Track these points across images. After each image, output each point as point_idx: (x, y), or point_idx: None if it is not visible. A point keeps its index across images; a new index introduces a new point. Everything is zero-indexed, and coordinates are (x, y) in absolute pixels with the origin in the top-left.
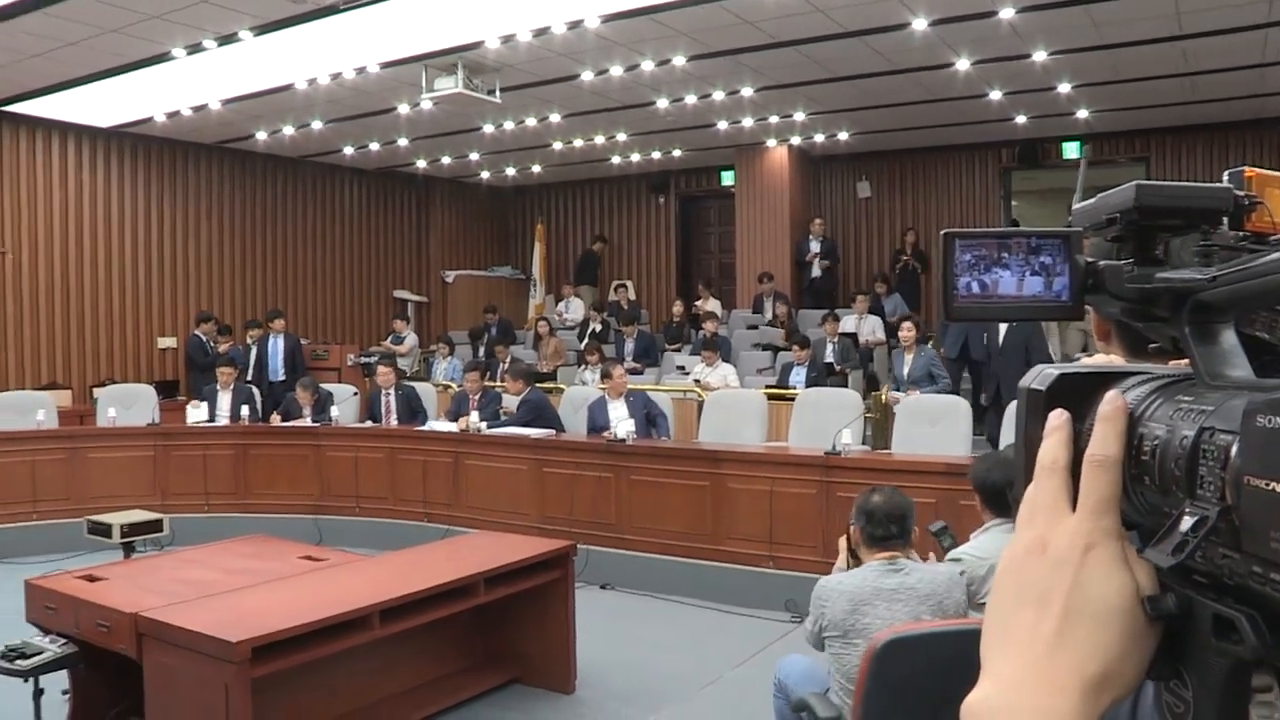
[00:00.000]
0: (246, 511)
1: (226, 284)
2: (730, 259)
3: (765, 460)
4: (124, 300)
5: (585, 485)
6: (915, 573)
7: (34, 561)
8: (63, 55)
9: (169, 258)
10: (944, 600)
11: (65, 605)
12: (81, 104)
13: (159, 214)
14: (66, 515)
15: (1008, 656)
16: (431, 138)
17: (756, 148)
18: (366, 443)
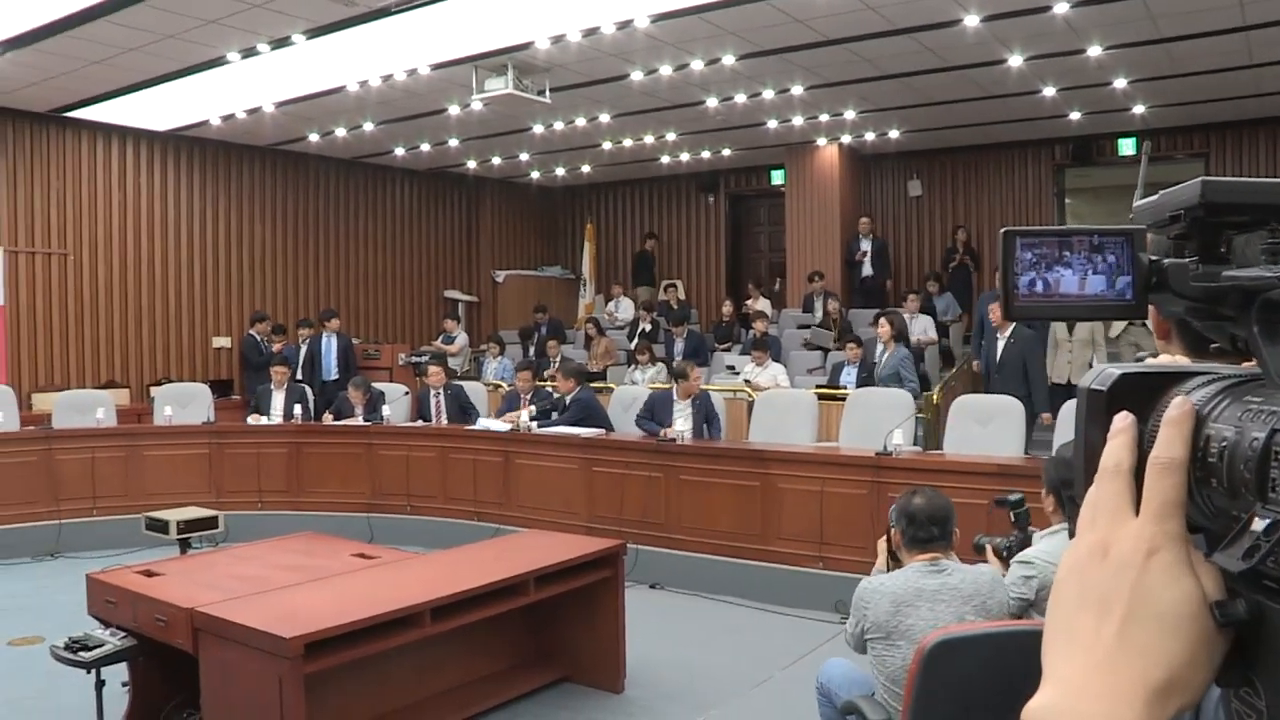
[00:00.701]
0: (299, 509)
1: (279, 284)
2: (780, 258)
3: (815, 460)
4: (180, 300)
5: (635, 485)
6: (957, 573)
7: (94, 556)
8: (122, 61)
9: (223, 258)
10: (987, 600)
11: (124, 600)
12: (139, 108)
13: (214, 215)
14: (125, 511)
15: (1070, 662)
16: (482, 138)
17: (806, 146)
18: (418, 442)
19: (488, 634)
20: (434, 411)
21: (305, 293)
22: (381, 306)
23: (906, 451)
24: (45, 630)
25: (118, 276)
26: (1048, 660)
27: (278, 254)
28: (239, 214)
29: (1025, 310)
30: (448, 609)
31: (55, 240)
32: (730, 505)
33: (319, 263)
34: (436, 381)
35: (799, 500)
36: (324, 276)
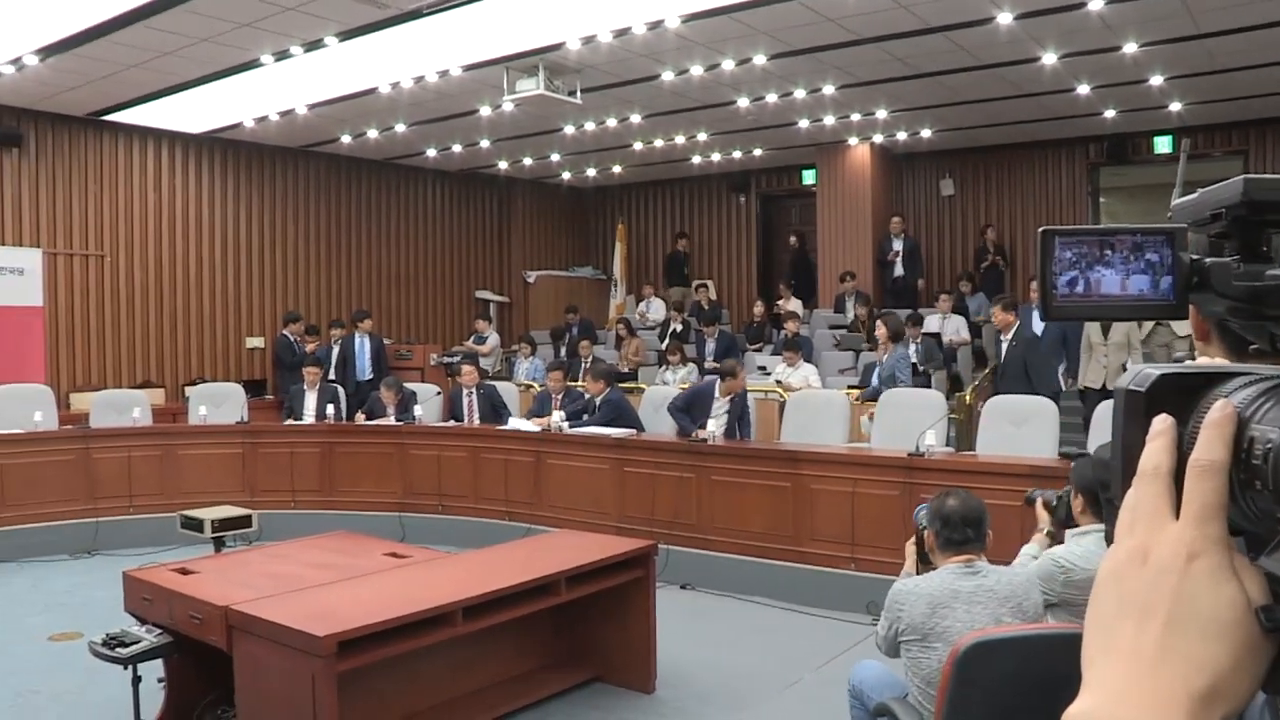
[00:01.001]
0: (332, 508)
1: (312, 285)
2: (811, 257)
3: (847, 461)
4: (214, 301)
5: (666, 485)
6: (992, 574)
7: (131, 554)
8: (158, 65)
9: (257, 259)
10: (1023, 602)
11: (160, 597)
12: (175, 111)
13: (247, 217)
14: (160, 510)
15: (1111, 668)
16: (513, 139)
17: (838, 146)
18: (449, 442)
19: (519, 634)
20: (466, 411)
21: (338, 293)
22: (413, 307)
23: (939, 452)
24: (84, 626)
25: (153, 278)
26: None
27: (310, 255)
28: (272, 215)
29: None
30: (479, 608)
31: (93, 242)
32: (762, 506)
33: (351, 263)
34: (470, 381)
35: (831, 501)
36: (356, 277)
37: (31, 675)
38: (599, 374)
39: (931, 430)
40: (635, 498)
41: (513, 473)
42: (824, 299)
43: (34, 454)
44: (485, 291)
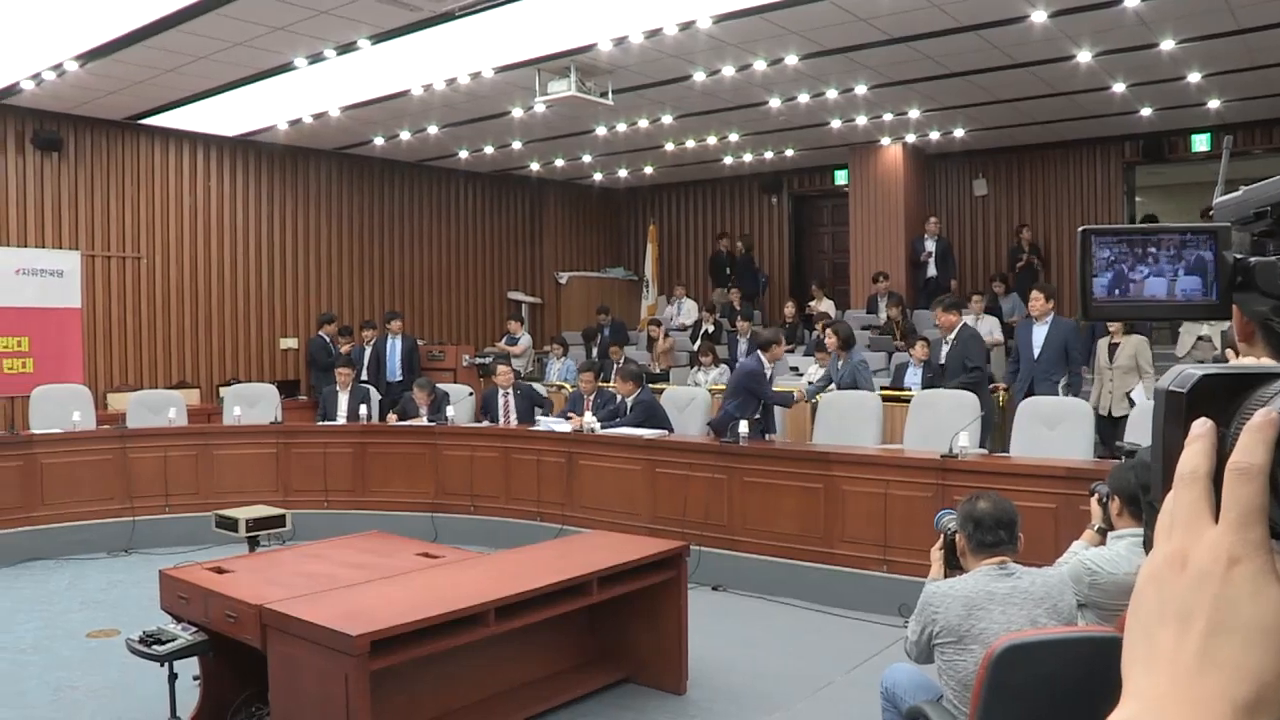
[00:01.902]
0: (364, 508)
1: (345, 286)
2: (844, 259)
3: (879, 462)
4: (248, 302)
5: (697, 486)
6: (1026, 576)
7: (167, 552)
8: (194, 69)
9: (290, 261)
10: (1058, 603)
11: (196, 595)
12: (209, 115)
13: (281, 219)
14: (196, 509)
15: (1151, 676)
16: (545, 140)
17: (870, 146)
18: (482, 442)
19: (551, 634)
20: (502, 412)
21: (370, 294)
22: (445, 308)
23: (972, 454)
24: (121, 624)
25: (188, 279)
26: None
27: (343, 256)
28: (305, 217)
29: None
30: (511, 609)
31: (129, 245)
32: (793, 507)
33: (384, 265)
34: (505, 382)
35: (863, 503)
36: (388, 278)
37: (70, 671)
38: (629, 375)
39: (965, 431)
40: (667, 499)
41: (545, 473)
42: (856, 299)
43: (72, 453)
44: (517, 292)
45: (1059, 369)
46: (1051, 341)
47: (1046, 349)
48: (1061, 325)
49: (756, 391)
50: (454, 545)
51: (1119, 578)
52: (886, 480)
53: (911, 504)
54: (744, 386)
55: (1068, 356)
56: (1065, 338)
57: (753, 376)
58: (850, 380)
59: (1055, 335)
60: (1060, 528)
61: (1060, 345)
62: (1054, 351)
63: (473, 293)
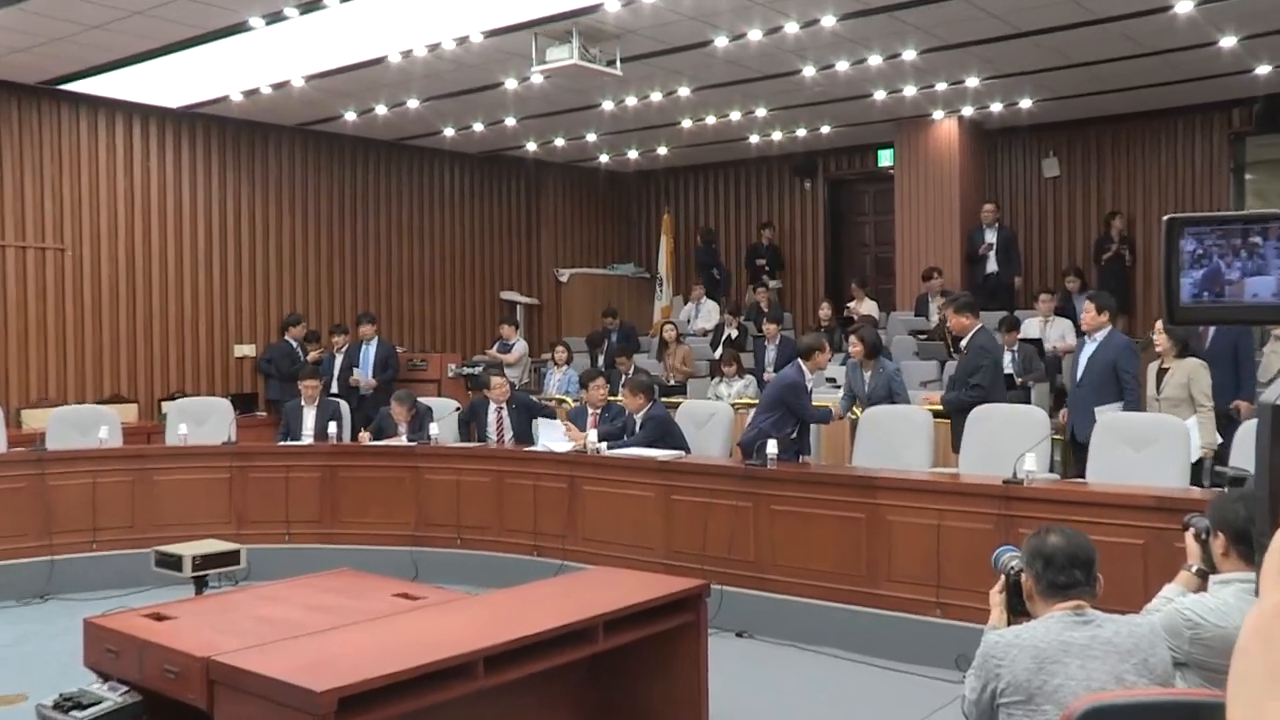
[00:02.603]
0: (333, 542)
1: (311, 283)
2: (888, 253)
3: (931, 489)
4: (196, 302)
5: (720, 515)
6: (1108, 624)
7: (94, 598)
8: (129, 26)
9: (247, 255)
10: (1149, 657)
11: (129, 648)
12: (148, 82)
13: (236, 205)
14: (131, 546)
15: None
16: (543, 116)
17: (920, 121)
18: (470, 465)
19: (550, 687)
20: (493, 427)
21: (340, 293)
22: (428, 309)
23: (1041, 479)
24: (31, 686)
25: (124, 275)
26: None
27: (309, 249)
28: (264, 203)
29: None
30: (504, 658)
31: (50, 234)
32: (831, 540)
33: (356, 259)
34: (500, 396)
35: (912, 536)
36: (362, 275)
37: None
38: (638, 386)
39: (1031, 453)
40: (684, 530)
41: (543, 501)
42: (902, 300)
43: None
44: (511, 292)
45: (1104, 397)
46: (1096, 364)
47: (1089, 373)
48: (1113, 344)
49: (795, 406)
50: (437, 585)
51: (1227, 632)
52: (940, 510)
53: (970, 537)
54: (781, 400)
55: (1119, 383)
56: (1115, 360)
57: (792, 389)
58: (884, 393)
59: (1102, 357)
60: (1149, 568)
61: (1107, 370)
62: (1097, 377)
63: (459, 292)
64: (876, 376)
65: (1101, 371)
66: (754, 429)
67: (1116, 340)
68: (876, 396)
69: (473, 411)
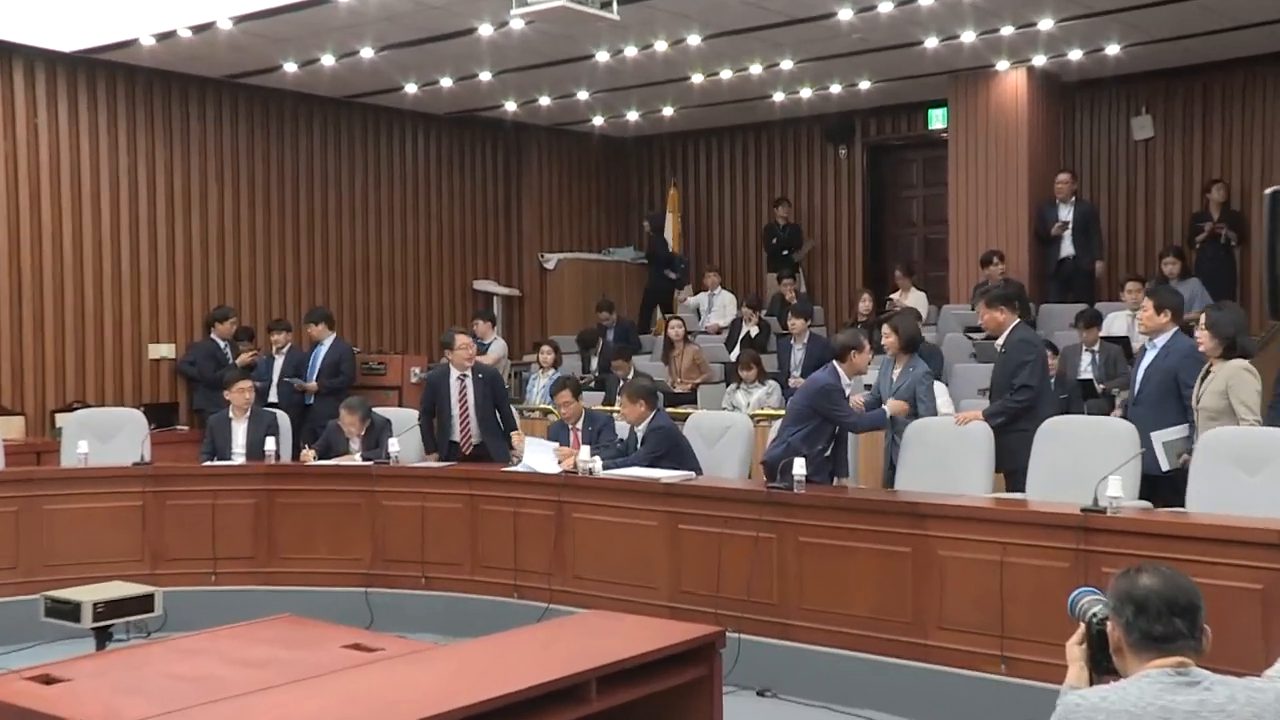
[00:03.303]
0: (270, 583)
1: (245, 270)
2: (940, 233)
3: (993, 518)
4: (100, 292)
5: (737, 549)
6: (1220, 687)
7: None
8: None
9: (165, 234)
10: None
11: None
12: (33, 20)
13: (150, 174)
14: (14, 591)
15: None
16: (524, 70)
17: (980, 74)
18: (437, 489)
19: None
20: (456, 400)
21: (280, 282)
22: (386, 302)
23: (1128, 508)
24: None
25: (6, 260)
26: None
27: (241, 229)
28: (185, 173)
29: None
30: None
31: None
32: (870, 579)
33: (299, 241)
34: (465, 360)
35: (969, 574)
36: (306, 260)
37: None
38: (638, 392)
39: (1116, 476)
40: (693, 566)
41: (525, 531)
42: (957, 290)
43: None
44: (487, 282)
45: (1165, 418)
46: (1154, 376)
47: (1145, 387)
48: (1176, 349)
49: (832, 414)
50: (397, 633)
51: None
52: (1003, 543)
53: (1040, 577)
54: (813, 408)
55: (1182, 399)
56: (1176, 370)
57: (827, 393)
58: (907, 397)
59: (1161, 366)
60: (1270, 618)
61: (1167, 383)
62: (1155, 391)
63: (424, 281)
64: (904, 377)
65: (1160, 385)
66: (781, 444)
67: (1179, 345)
68: (903, 396)
69: (433, 391)
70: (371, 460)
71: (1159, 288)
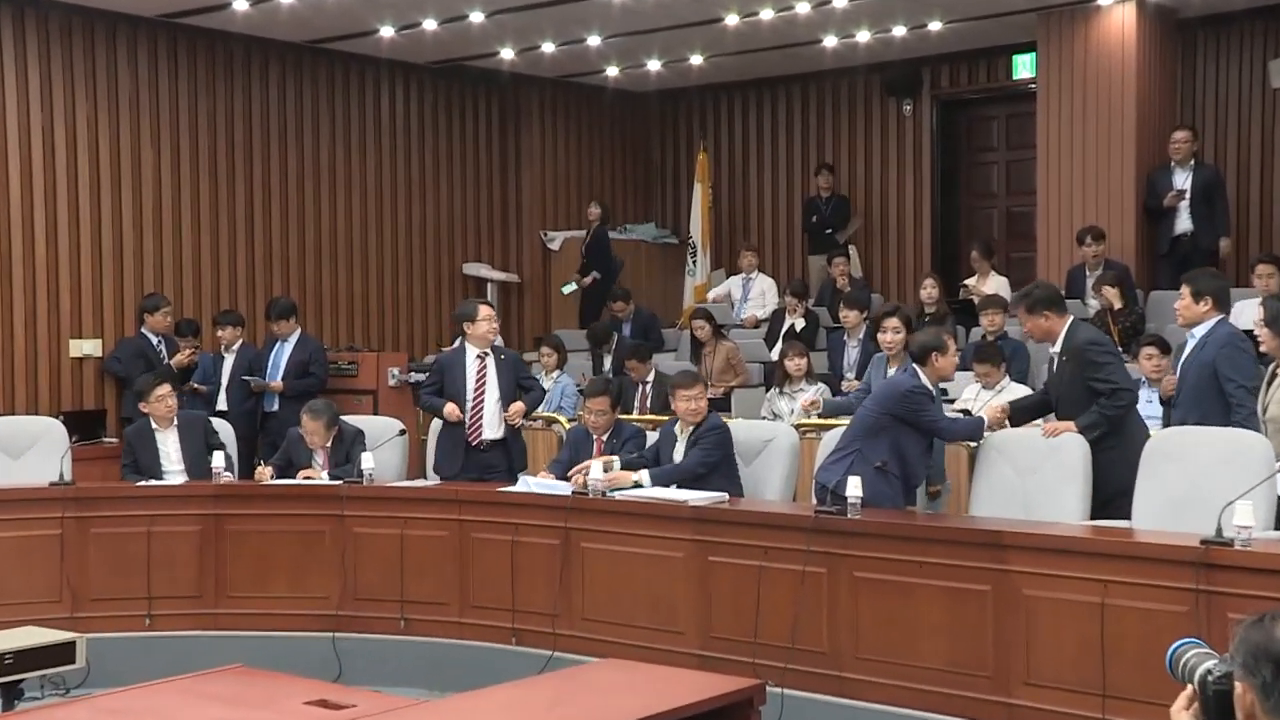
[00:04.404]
0: (218, 627)
1: (187, 251)
2: (1025, 206)
3: (1092, 550)
4: (8, 279)
5: (779, 586)
6: None
7: None
8: None
9: (89, 206)
10: None
11: None
12: None
13: (68, 133)
14: None
15: None
16: (523, 10)
17: (1078, 10)
18: (420, 513)
19: None
20: (472, 389)
21: (230, 266)
22: (359, 291)
23: (1261, 540)
24: None
25: None
26: None
27: (182, 202)
28: (113, 133)
29: None
30: None
31: None
32: (941, 624)
33: (253, 217)
34: (486, 335)
35: (1062, 619)
36: (261, 239)
37: None
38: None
39: (1246, 501)
40: (727, 607)
41: (525, 563)
42: (1047, 275)
43: None
44: (479, 265)
45: (1205, 418)
46: (1191, 372)
47: (1182, 386)
48: (1215, 339)
49: (920, 421)
50: (371, 687)
51: None
52: (1104, 581)
53: (1151, 624)
54: (891, 414)
55: (1223, 397)
56: (1214, 361)
57: (912, 397)
58: None
59: (1198, 358)
60: None
61: (1204, 379)
62: (1192, 391)
63: (403, 265)
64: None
65: (1198, 383)
66: (843, 458)
67: (1218, 334)
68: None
69: (444, 375)
70: (341, 478)
71: (1197, 272)
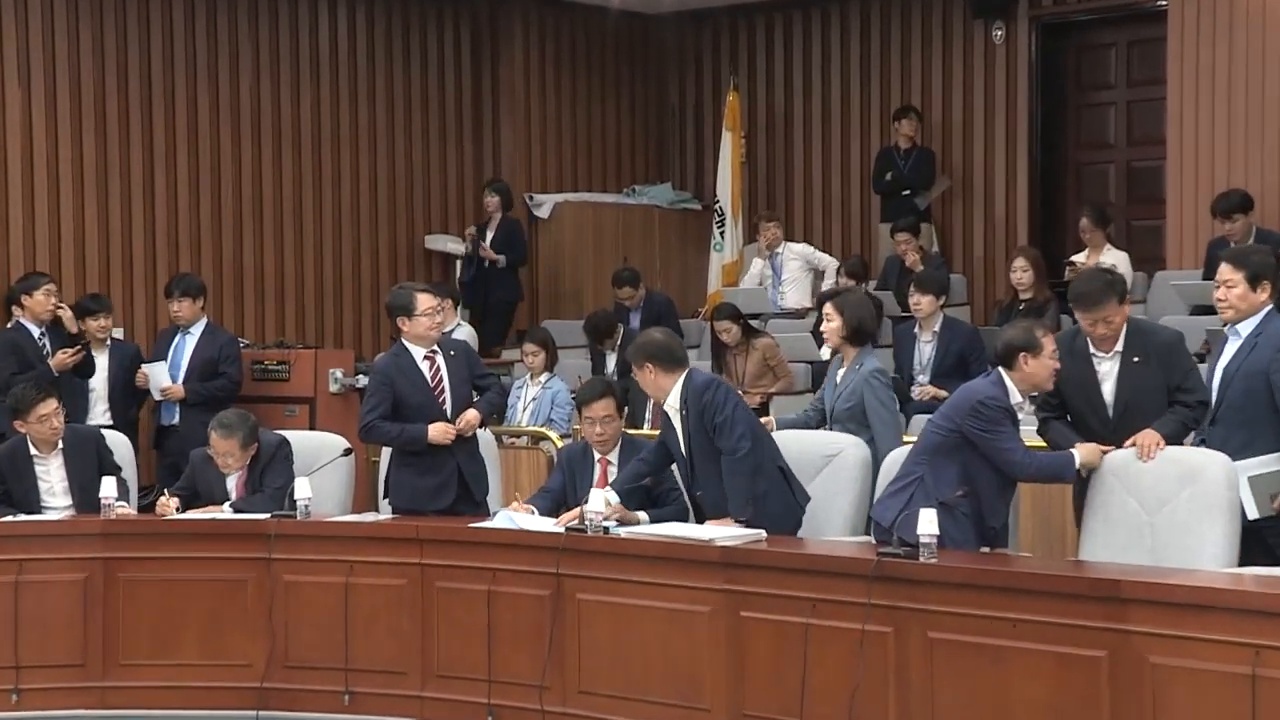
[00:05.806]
0: (109, 705)
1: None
2: (1152, 160)
3: (1237, 606)
4: None
5: (831, 648)
6: None
7: None
8: None
9: None
10: None
11: None
12: None
13: None
14: None
15: None
16: None
17: None
18: (370, 555)
19: None
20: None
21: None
22: (291, 269)
23: None
24: None
25: None
26: None
27: (59, 154)
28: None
29: None
30: None
31: None
32: (1040, 698)
33: (151, 175)
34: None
35: (1199, 694)
36: (166, 203)
37: None
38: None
39: None
40: (765, 675)
41: (506, 620)
42: (1178, 250)
43: None
44: (444, 237)
45: (1254, 438)
46: (1235, 377)
47: (1223, 394)
48: (1268, 338)
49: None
50: None
51: None
52: (1255, 646)
53: None
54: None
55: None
56: (1266, 366)
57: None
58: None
59: (1246, 363)
60: None
61: (1255, 387)
62: (1238, 401)
63: (349, 237)
64: (850, 377)
65: (1247, 391)
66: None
67: (1272, 331)
68: (839, 409)
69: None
70: (269, 513)
71: (1246, 249)
